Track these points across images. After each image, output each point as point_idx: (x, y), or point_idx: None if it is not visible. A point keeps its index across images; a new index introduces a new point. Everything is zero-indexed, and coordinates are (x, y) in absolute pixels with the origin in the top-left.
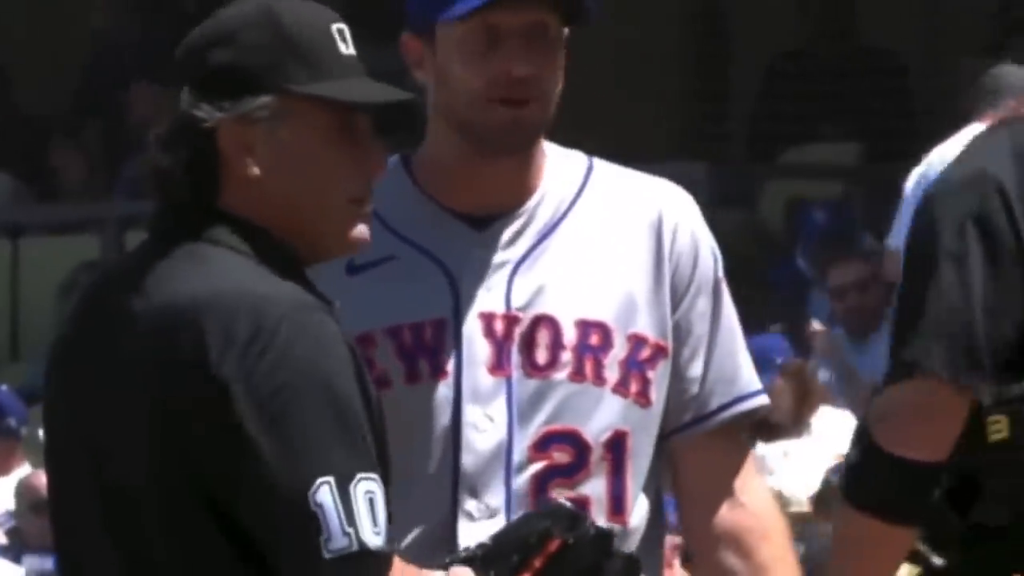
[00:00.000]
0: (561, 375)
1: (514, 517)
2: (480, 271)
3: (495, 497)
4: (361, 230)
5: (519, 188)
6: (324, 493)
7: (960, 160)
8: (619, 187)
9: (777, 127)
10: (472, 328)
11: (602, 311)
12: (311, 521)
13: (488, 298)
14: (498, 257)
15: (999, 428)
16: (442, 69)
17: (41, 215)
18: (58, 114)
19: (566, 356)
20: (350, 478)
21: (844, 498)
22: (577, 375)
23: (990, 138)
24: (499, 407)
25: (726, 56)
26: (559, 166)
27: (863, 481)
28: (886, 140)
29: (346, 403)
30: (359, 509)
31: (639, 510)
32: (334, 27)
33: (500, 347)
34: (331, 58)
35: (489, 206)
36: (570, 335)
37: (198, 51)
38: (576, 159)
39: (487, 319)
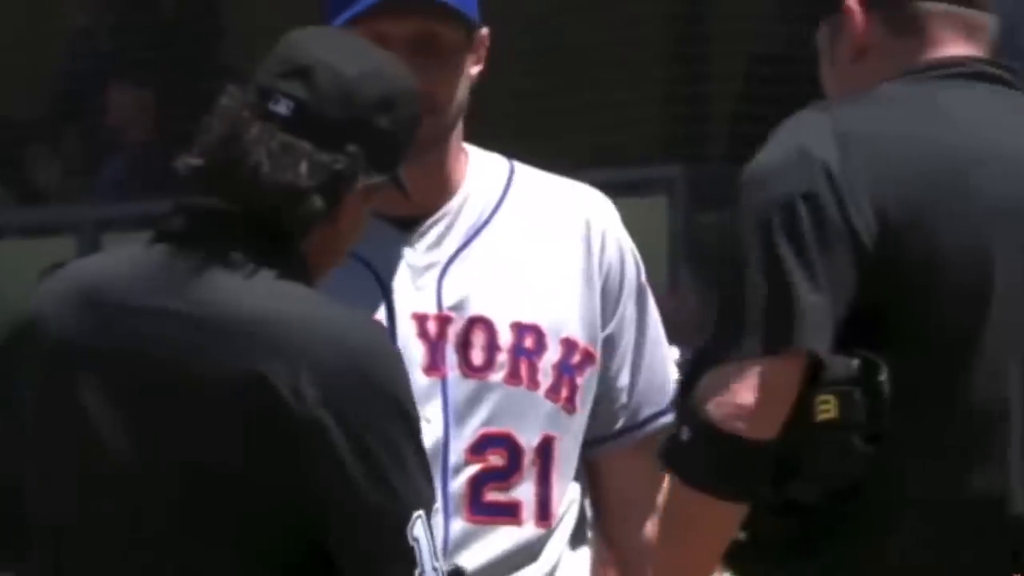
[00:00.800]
0: (497, 377)
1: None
2: (408, 272)
3: None
4: None
5: (439, 190)
6: (419, 527)
7: (781, 142)
8: (542, 191)
9: (756, 129)
10: (405, 329)
11: (536, 314)
12: (408, 555)
13: (419, 299)
14: (426, 258)
15: (827, 408)
16: None
17: (18, 218)
18: (35, 117)
19: (502, 358)
20: (430, 508)
21: (674, 476)
22: (513, 378)
23: (810, 121)
24: (435, 408)
25: (705, 58)
26: (481, 168)
27: (695, 459)
28: None
29: (419, 429)
30: (438, 540)
31: (564, 515)
32: None
33: (434, 348)
34: None
35: (411, 208)
36: (505, 337)
37: (368, 109)
38: (497, 162)
39: (420, 320)
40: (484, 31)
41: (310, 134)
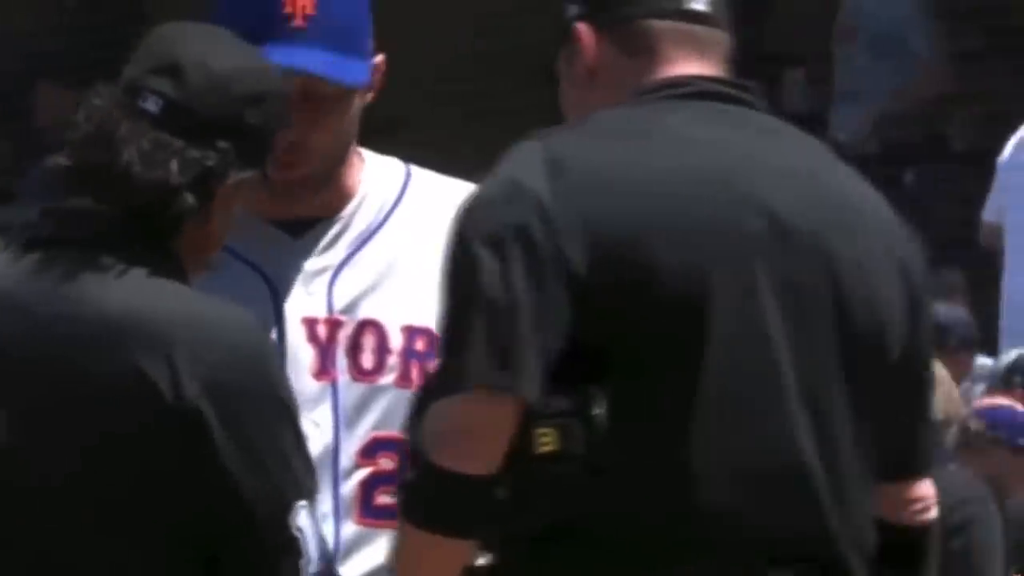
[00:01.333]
0: (387, 380)
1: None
2: (299, 277)
3: (323, 503)
4: None
5: (333, 197)
6: (303, 518)
7: (496, 174)
8: (438, 195)
9: None
10: (295, 334)
11: (427, 317)
12: (292, 545)
13: (309, 303)
14: (317, 263)
15: (547, 441)
16: None
17: None
18: None
19: (392, 361)
20: (313, 500)
21: (402, 516)
22: (403, 380)
23: (524, 151)
24: (324, 412)
25: None
26: (376, 173)
27: (420, 499)
28: None
29: (299, 421)
30: (323, 532)
31: None
32: None
33: (324, 352)
34: None
35: (305, 211)
36: (396, 340)
37: (239, 104)
38: (394, 166)
39: (309, 324)
40: (379, 59)
41: (180, 131)
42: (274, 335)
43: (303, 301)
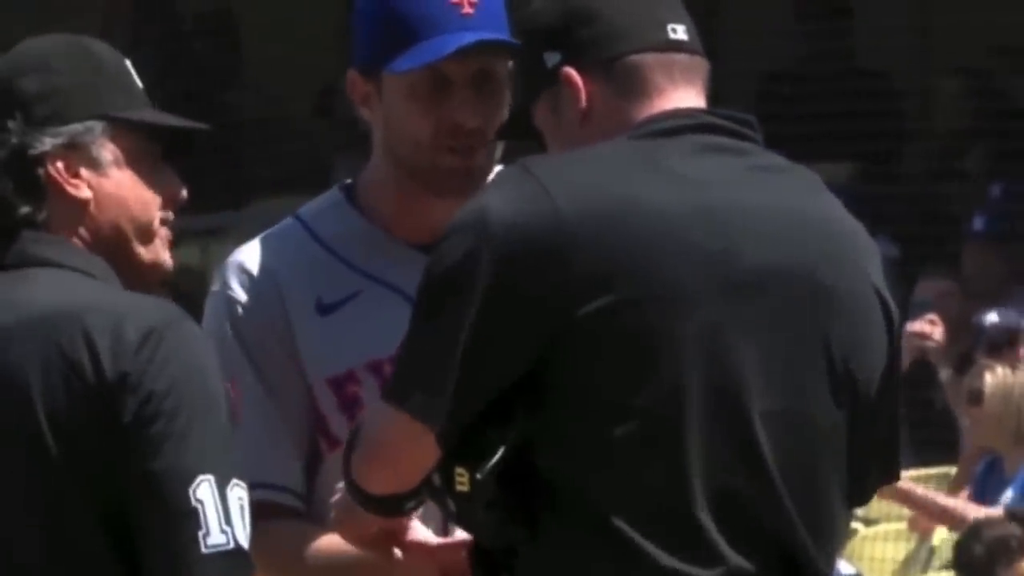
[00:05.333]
0: None
1: None
2: None
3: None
4: (165, 255)
5: None
6: (204, 490)
7: (496, 200)
8: None
9: (770, 147)
10: None
11: None
12: (191, 515)
13: None
14: None
15: (463, 481)
16: (388, 113)
17: None
18: None
19: None
20: (227, 481)
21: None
22: None
23: (518, 183)
24: None
25: (718, 77)
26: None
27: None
28: (878, 161)
29: (224, 409)
30: (233, 511)
31: None
32: (127, 61)
33: None
34: (136, 89)
35: (438, 230)
36: None
37: (8, 81)
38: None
39: None
40: None
41: None
42: None
43: None
